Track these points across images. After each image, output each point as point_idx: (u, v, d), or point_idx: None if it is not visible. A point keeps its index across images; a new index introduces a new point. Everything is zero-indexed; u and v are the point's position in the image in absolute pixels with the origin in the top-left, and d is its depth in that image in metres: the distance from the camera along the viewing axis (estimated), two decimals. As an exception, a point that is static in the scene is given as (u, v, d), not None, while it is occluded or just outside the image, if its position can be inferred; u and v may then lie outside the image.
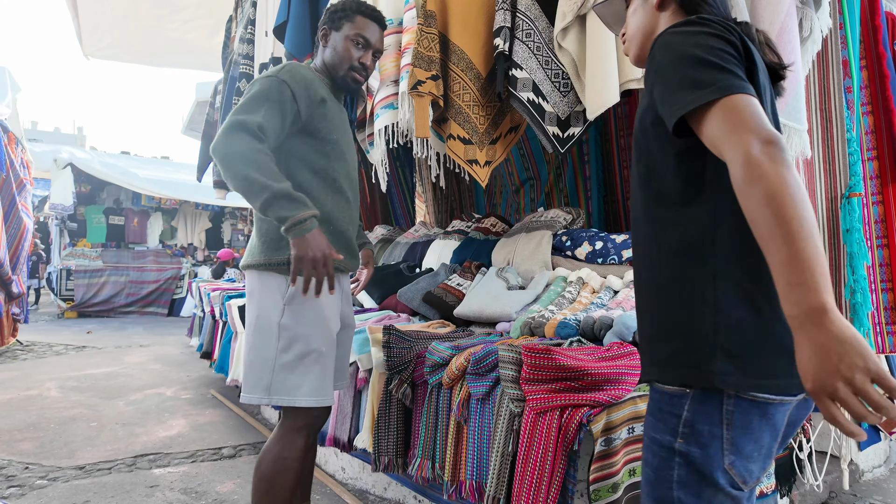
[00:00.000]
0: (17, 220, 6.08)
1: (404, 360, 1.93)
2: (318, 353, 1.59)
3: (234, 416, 3.74)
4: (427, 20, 2.39)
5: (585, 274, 2.28)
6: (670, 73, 0.93)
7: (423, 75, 2.34)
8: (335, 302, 1.68)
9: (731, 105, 0.85)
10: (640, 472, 1.50)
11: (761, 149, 0.81)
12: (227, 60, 4.54)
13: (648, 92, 1.00)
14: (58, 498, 2.48)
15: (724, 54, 0.90)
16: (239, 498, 2.49)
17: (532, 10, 2.24)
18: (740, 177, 0.82)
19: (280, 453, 1.58)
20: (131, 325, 8.33)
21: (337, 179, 1.69)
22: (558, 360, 1.46)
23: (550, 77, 2.26)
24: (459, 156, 2.40)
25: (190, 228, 11.06)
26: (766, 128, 0.83)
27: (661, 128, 0.96)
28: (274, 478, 1.57)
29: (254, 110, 1.53)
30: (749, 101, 0.86)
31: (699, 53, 0.90)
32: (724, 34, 0.92)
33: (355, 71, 1.74)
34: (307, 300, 1.56)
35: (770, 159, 0.81)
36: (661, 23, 1.12)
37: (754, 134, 0.83)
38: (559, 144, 2.25)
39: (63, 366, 5.30)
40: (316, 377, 1.58)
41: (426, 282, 2.69)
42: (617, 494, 1.43)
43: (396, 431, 1.94)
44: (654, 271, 1.01)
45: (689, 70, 0.90)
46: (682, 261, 0.96)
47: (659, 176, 0.99)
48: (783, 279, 0.77)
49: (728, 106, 0.86)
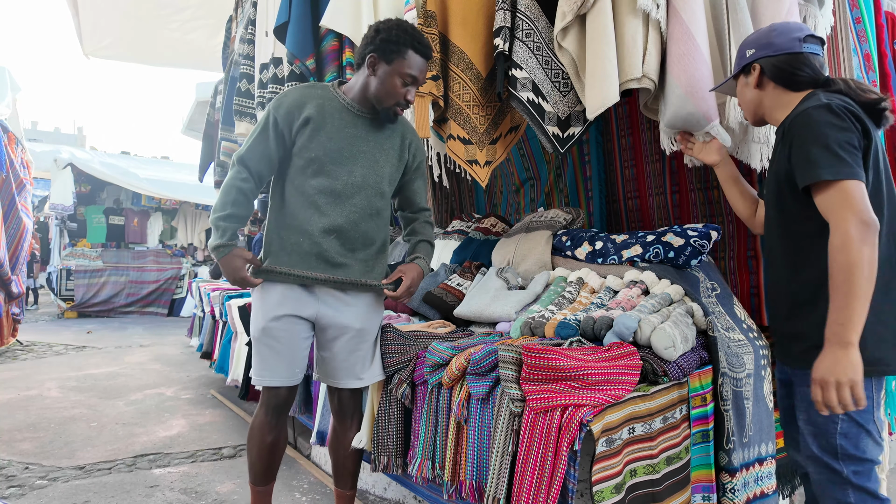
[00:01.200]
0: (16, 220, 6.08)
1: (404, 360, 1.93)
2: (255, 340, 1.88)
3: (234, 416, 3.74)
4: (427, 20, 2.39)
5: (585, 274, 2.28)
6: (806, 147, 1.32)
7: None
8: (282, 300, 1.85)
9: (843, 187, 1.26)
10: (640, 473, 1.51)
11: (857, 227, 1.23)
12: (228, 61, 4.54)
13: (786, 151, 1.41)
14: (58, 498, 2.48)
15: (847, 145, 1.29)
16: (239, 498, 2.49)
17: (532, 9, 2.24)
18: (836, 243, 1.26)
19: (252, 423, 1.95)
20: (131, 325, 8.33)
21: (311, 195, 1.82)
22: (558, 361, 1.47)
23: (550, 77, 2.26)
24: (459, 156, 2.40)
25: (190, 228, 11.05)
26: (866, 212, 1.24)
27: (793, 182, 1.39)
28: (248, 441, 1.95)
29: (246, 144, 1.82)
30: (858, 186, 1.26)
31: (828, 141, 1.28)
32: (849, 127, 1.30)
33: (399, 106, 1.84)
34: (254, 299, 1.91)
35: (860, 239, 1.23)
36: (766, 95, 1.56)
37: (855, 215, 1.24)
38: (559, 144, 2.25)
39: (63, 366, 5.30)
40: (258, 360, 1.88)
41: (426, 282, 2.69)
42: (620, 496, 1.43)
43: (396, 431, 1.94)
44: None
45: (819, 151, 1.29)
46: None
47: (791, 215, 1.45)
48: (836, 314, 1.26)
49: (841, 188, 1.27)
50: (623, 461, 1.47)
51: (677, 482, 1.62)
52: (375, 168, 1.88)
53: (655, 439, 1.57)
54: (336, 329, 1.89)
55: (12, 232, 6.05)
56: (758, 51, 1.56)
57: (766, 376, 2.05)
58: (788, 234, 1.45)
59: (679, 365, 1.68)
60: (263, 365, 1.87)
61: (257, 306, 1.89)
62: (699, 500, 1.71)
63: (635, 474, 1.51)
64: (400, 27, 1.77)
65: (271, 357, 1.86)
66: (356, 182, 1.84)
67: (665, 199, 3.04)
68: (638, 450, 1.53)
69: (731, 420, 1.82)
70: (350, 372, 1.94)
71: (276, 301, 1.84)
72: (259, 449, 1.91)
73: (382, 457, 1.94)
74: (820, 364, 1.28)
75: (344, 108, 1.84)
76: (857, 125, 1.32)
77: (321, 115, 1.81)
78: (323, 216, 1.82)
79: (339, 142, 1.82)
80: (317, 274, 1.84)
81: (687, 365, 1.72)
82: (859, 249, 1.23)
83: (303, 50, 2.97)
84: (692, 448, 1.71)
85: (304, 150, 1.80)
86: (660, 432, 1.60)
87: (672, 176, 3.00)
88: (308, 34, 2.99)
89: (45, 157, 8.96)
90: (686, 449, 1.68)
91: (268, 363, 1.86)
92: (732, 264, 2.72)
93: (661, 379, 1.64)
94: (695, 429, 1.72)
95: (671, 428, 1.64)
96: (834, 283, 1.26)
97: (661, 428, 1.60)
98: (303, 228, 1.82)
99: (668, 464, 1.60)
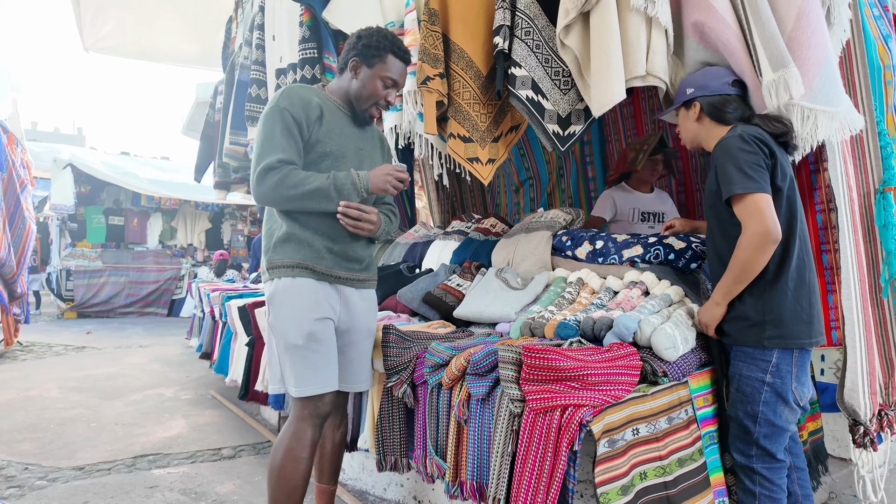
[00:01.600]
0: (22, 220, 6.08)
1: (404, 361, 1.93)
2: (294, 347, 1.74)
3: (234, 416, 3.74)
4: (431, 18, 2.39)
5: (585, 274, 2.28)
6: (725, 168, 1.65)
7: (432, 72, 2.35)
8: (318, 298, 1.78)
9: (752, 199, 1.60)
10: (651, 475, 1.51)
11: (759, 236, 1.58)
12: (229, 62, 4.54)
13: (714, 175, 1.72)
14: (57, 498, 2.48)
15: (756, 165, 1.62)
16: (239, 499, 2.49)
17: (531, 8, 2.24)
18: (742, 242, 1.62)
19: (289, 444, 1.73)
20: (131, 326, 8.33)
21: None
22: (558, 361, 1.46)
23: (550, 75, 2.26)
24: (460, 154, 2.40)
25: (190, 229, 11.05)
26: (769, 220, 1.57)
27: None
28: (284, 468, 1.72)
29: (270, 151, 1.73)
30: (764, 198, 1.59)
31: (740, 163, 1.62)
32: (756, 151, 1.64)
33: (378, 107, 1.91)
34: (283, 298, 1.76)
35: (758, 246, 1.59)
36: (702, 128, 1.87)
37: (760, 224, 1.58)
38: (560, 143, 2.25)
39: (63, 366, 5.30)
40: (299, 369, 1.74)
41: (426, 282, 2.69)
42: (628, 497, 1.43)
43: (400, 431, 1.94)
44: None
45: (733, 170, 1.63)
46: None
47: (723, 221, 1.74)
48: (723, 284, 1.69)
49: (750, 199, 1.60)
50: (629, 463, 1.47)
51: (694, 485, 1.61)
52: (371, 165, 1.94)
53: (662, 440, 1.57)
54: (356, 331, 1.90)
55: (19, 232, 6.05)
56: (696, 90, 1.87)
57: (766, 377, 2.05)
58: (724, 236, 1.74)
59: (679, 365, 1.68)
60: (314, 372, 1.74)
61: (293, 308, 1.75)
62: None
63: (645, 477, 1.50)
64: (380, 33, 1.86)
65: (321, 362, 1.76)
66: None
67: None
68: (645, 451, 1.52)
69: (733, 421, 1.82)
70: (363, 373, 1.95)
71: (315, 302, 1.77)
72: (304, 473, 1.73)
73: (389, 456, 1.94)
74: (702, 309, 1.79)
75: (337, 109, 1.90)
76: (763, 149, 1.65)
77: (328, 112, 1.86)
78: None
79: (343, 138, 1.87)
80: (344, 273, 1.84)
81: (687, 365, 1.71)
82: (754, 253, 1.60)
83: None
84: (706, 451, 1.71)
85: (318, 143, 1.81)
86: (666, 433, 1.59)
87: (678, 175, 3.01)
88: None
89: (45, 157, 8.95)
90: (700, 451, 1.67)
91: (319, 369, 1.75)
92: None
93: (660, 380, 1.64)
94: (703, 430, 1.72)
95: (679, 429, 1.63)
96: (731, 266, 1.66)
97: (667, 429, 1.60)
98: (326, 223, 1.80)
99: (681, 465, 1.60)
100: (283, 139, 1.74)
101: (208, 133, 5.04)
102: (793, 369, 1.67)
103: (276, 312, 1.78)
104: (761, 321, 1.66)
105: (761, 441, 1.67)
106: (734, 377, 1.73)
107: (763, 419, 1.66)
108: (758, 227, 1.57)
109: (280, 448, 1.75)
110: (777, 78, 1.78)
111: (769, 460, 1.68)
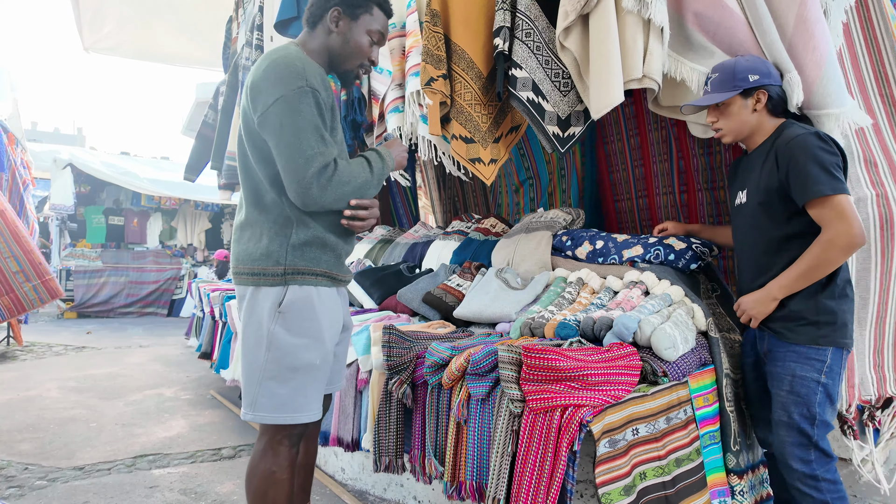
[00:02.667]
0: (26, 220, 6.09)
1: (404, 361, 1.93)
2: (310, 368, 1.51)
3: (234, 416, 3.74)
4: (433, 18, 2.39)
5: (585, 274, 2.28)
6: (808, 167, 1.58)
7: (435, 73, 2.34)
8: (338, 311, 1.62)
9: (840, 201, 1.56)
10: (651, 475, 1.51)
11: (848, 238, 1.55)
12: (231, 63, 4.54)
13: (783, 172, 1.64)
14: (57, 498, 2.48)
15: (838, 167, 1.59)
16: (238, 499, 2.49)
17: (532, 9, 2.24)
18: (823, 239, 1.58)
19: (268, 468, 1.52)
20: (131, 326, 8.32)
21: None
22: (558, 361, 1.46)
23: (550, 76, 2.26)
24: (462, 155, 2.41)
25: (189, 229, 11.05)
26: (857, 223, 1.56)
27: (787, 198, 1.66)
28: (266, 494, 1.52)
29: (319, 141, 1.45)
30: (850, 201, 1.57)
31: (826, 164, 1.57)
32: (836, 152, 1.60)
33: (363, 68, 1.67)
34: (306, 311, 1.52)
35: (843, 248, 1.57)
36: (758, 119, 1.76)
37: (851, 227, 1.55)
38: (559, 144, 2.25)
39: (63, 366, 5.30)
40: (301, 393, 1.51)
41: (426, 282, 2.69)
42: (631, 497, 1.43)
43: (397, 432, 1.94)
44: None
45: (820, 171, 1.57)
46: None
47: (777, 219, 1.71)
48: (786, 279, 1.66)
49: (839, 201, 1.56)
50: (630, 463, 1.47)
51: (691, 485, 1.62)
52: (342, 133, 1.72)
53: (661, 440, 1.57)
54: (345, 331, 1.75)
55: None
56: (762, 78, 1.72)
57: (766, 377, 2.05)
58: (780, 232, 1.70)
59: (679, 365, 1.69)
60: (309, 398, 1.52)
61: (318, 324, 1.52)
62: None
63: (645, 477, 1.50)
64: None
65: (318, 388, 1.55)
66: None
67: (674, 199, 3.06)
68: (645, 451, 1.53)
69: (735, 421, 1.82)
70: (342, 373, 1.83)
71: (337, 317, 1.61)
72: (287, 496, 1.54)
73: (384, 457, 1.94)
74: (750, 297, 1.74)
75: None
76: (840, 150, 1.62)
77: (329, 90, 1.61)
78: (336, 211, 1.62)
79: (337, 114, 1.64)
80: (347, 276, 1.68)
81: (687, 365, 1.72)
82: (838, 255, 1.58)
83: None
84: (703, 450, 1.71)
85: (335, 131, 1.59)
86: (664, 433, 1.59)
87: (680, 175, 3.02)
88: None
89: (45, 157, 8.95)
90: (697, 451, 1.67)
91: (315, 396, 1.54)
92: (742, 263, 2.73)
93: (660, 379, 1.64)
94: (702, 430, 1.72)
95: (677, 429, 1.63)
96: (802, 262, 1.62)
97: (666, 429, 1.60)
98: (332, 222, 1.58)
99: (679, 465, 1.60)
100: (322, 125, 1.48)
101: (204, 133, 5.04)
102: (842, 370, 1.67)
103: (291, 325, 1.50)
104: (816, 320, 1.65)
105: (820, 443, 1.65)
106: (784, 378, 1.69)
107: (820, 420, 1.64)
108: (848, 230, 1.55)
109: (256, 473, 1.52)
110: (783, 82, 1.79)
111: (827, 461, 1.65)
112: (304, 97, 1.44)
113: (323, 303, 1.55)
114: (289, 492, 1.54)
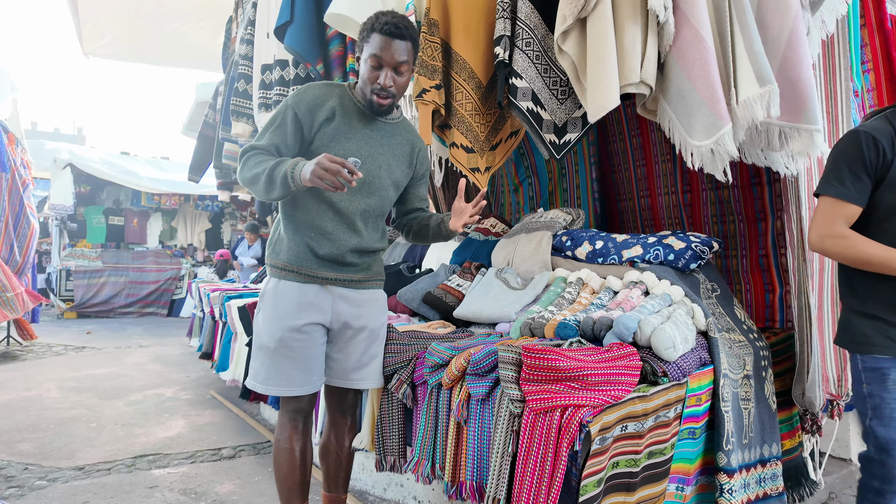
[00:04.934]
0: (26, 220, 6.08)
1: (404, 361, 1.93)
2: (266, 349, 1.80)
3: (234, 416, 3.74)
4: (430, 28, 2.39)
5: (585, 274, 2.28)
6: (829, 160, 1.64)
7: (428, 84, 2.35)
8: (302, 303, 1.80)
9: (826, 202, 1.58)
10: (622, 465, 1.51)
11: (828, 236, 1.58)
12: (228, 62, 4.54)
13: None
14: (57, 499, 2.48)
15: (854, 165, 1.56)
16: (239, 499, 2.49)
17: (532, 18, 2.24)
18: None
19: (275, 438, 1.88)
20: (131, 326, 8.33)
21: (328, 193, 1.77)
22: (558, 361, 1.46)
23: (549, 85, 2.27)
24: (463, 164, 2.44)
25: (189, 229, 11.05)
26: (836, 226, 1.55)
27: None
28: (275, 459, 1.87)
29: (260, 137, 1.78)
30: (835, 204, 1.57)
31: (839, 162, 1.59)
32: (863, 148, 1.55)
33: (375, 94, 1.76)
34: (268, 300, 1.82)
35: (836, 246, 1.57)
36: None
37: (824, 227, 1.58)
38: (555, 151, 2.26)
39: (63, 366, 5.30)
40: (271, 369, 1.80)
41: (426, 282, 2.69)
42: (600, 487, 1.43)
43: (399, 431, 1.94)
44: None
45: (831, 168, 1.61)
46: None
47: None
48: None
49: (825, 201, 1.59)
50: (609, 456, 1.47)
51: (655, 474, 1.62)
52: (389, 172, 1.87)
53: (644, 437, 1.57)
54: (353, 329, 1.88)
55: (23, 232, 6.05)
56: None
57: (766, 377, 2.05)
58: (866, 230, 1.61)
59: (679, 365, 1.69)
60: (279, 374, 1.79)
61: (270, 312, 1.81)
62: (672, 489, 1.71)
63: (617, 466, 1.50)
64: (373, 15, 1.75)
65: (288, 366, 1.79)
66: (371, 183, 1.83)
67: (677, 198, 3.06)
68: (624, 445, 1.53)
69: (731, 421, 1.82)
70: (363, 371, 1.92)
71: (294, 308, 1.79)
72: (290, 461, 1.83)
73: (389, 457, 1.95)
74: None
75: (359, 110, 1.82)
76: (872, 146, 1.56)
77: (342, 114, 1.79)
78: (337, 214, 1.80)
79: (356, 142, 1.80)
80: (333, 274, 1.83)
81: (687, 365, 1.72)
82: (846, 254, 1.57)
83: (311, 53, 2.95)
84: (678, 444, 1.71)
85: (323, 147, 1.76)
86: (650, 430, 1.59)
87: (683, 175, 3.01)
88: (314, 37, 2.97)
89: (44, 157, 8.95)
90: (672, 446, 1.68)
91: (285, 372, 1.79)
92: (745, 262, 2.74)
93: (660, 379, 1.64)
94: (683, 426, 1.72)
95: (662, 426, 1.64)
96: None
97: (652, 426, 1.60)
98: (319, 227, 1.79)
99: (650, 458, 1.60)
100: (274, 132, 1.76)
101: (205, 132, 5.04)
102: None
103: (259, 311, 1.86)
104: None
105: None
106: None
107: None
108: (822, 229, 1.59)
109: (273, 443, 1.90)
110: (763, 92, 1.79)
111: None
112: (279, 108, 1.79)
113: (283, 294, 1.80)
114: (290, 459, 1.83)
